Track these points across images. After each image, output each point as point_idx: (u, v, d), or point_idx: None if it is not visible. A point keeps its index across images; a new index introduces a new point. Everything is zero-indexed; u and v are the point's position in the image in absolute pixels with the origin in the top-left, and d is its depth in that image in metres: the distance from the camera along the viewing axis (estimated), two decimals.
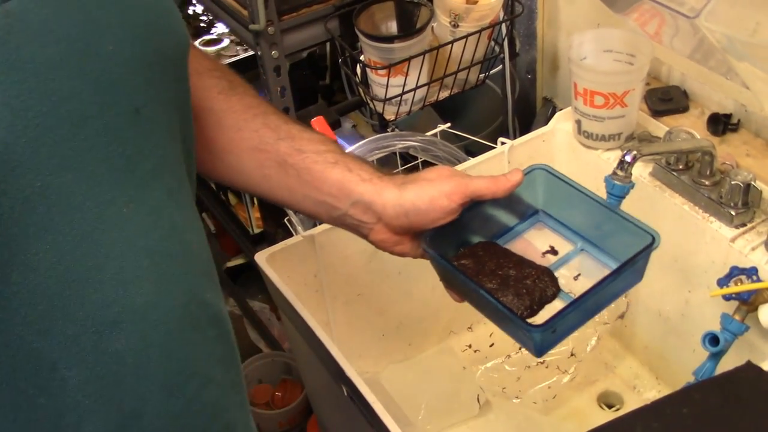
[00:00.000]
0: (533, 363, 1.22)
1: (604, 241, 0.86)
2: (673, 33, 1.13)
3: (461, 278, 0.80)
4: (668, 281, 1.12)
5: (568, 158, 1.21)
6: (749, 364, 0.79)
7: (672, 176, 1.07)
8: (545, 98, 1.43)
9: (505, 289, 0.80)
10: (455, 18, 1.21)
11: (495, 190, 0.79)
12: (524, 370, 1.21)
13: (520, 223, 0.89)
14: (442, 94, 1.30)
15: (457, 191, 0.78)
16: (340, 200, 0.79)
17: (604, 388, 1.21)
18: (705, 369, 0.97)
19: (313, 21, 1.27)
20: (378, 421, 0.86)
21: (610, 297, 0.83)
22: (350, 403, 0.94)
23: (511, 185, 0.80)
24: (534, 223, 0.90)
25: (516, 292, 0.80)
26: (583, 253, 0.87)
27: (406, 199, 0.78)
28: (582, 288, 0.78)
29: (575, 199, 0.85)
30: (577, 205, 0.85)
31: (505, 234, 0.89)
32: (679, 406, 0.75)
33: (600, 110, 1.11)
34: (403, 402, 1.16)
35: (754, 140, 1.11)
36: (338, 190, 0.79)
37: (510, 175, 0.80)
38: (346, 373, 0.91)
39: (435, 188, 0.78)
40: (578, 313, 0.78)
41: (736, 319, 0.95)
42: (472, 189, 0.79)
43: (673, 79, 1.21)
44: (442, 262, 0.81)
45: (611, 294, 0.82)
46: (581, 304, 0.76)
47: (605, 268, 0.85)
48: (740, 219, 1.01)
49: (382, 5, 1.25)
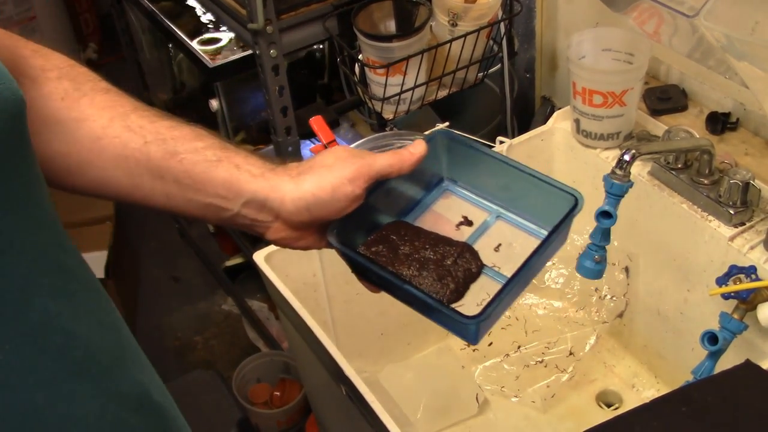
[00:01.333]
0: (532, 362, 1.22)
1: (519, 203, 0.80)
2: (672, 32, 1.13)
3: (375, 270, 0.72)
4: (667, 280, 1.12)
5: (567, 157, 1.21)
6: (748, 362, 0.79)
7: (671, 175, 1.07)
8: (544, 97, 1.43)
9: (425, 275, 0.73)
10: (454, 17, 1.21)
11: (401, 167, 0.73)
12: (523, 369, 1.21)
13: (427, 194, 0.82)
14: (440, 93, 1.30)
15: (360, 174, 0.71)
16: (229, 201, 0.70)
17: (603, 387, 1.21)
18: (704, 368, 0.97)
19: (312, 20, 1.27)
20: (377, 420, 0.86)
21: (540, 266, 0.78)
22: (349, 402, 0.94)
23: (417, 158, 0.74)
24: (441, 192, 0.83)
25: (438, 276, 0.73)
26: (500, 219, 0.81)
27: (306, 190, 0.70)
28: (507, 258, 0.74)
29: (482, 163, 0.79)
30: (485, 169, 0.79)
31: (413, 209, 0.81)
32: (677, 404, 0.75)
33: (599, 109, 1.11)
34: (402, 401, 1.16)
35: (753, 139, 1.11)
36: (226, 190, 0.70)
37: (413, 148, 0.74)
38: (345, 373, 0.91)
39: (335, 174, 0.70)
40: (512, 292, 0.72)
41: (735, 317, 0.95)
42: (376, 169, 0.71)
43: (671, 78, 1.21)
44: (353, 255, 0.73)
45: (541, 264, 0.77)
46: (514, 282, 0.70)
47: (526, 233, 0.79)
48: (739, 218, 1.01)
49: (381, 4, 1.25)
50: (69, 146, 0.68)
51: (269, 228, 0.72)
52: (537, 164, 1.23)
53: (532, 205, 0.78)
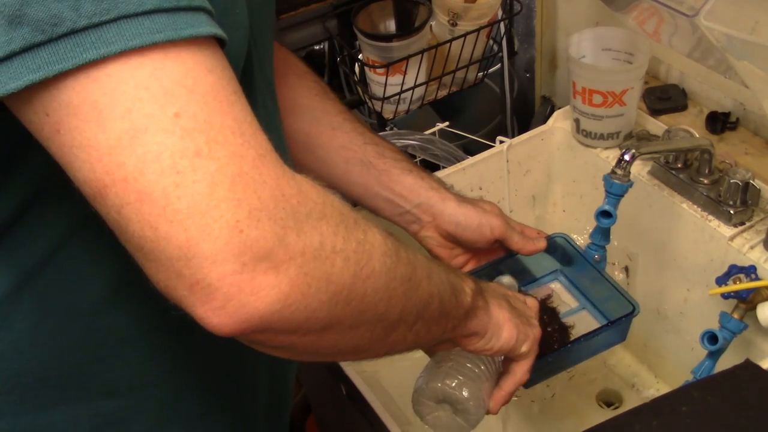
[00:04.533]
0: None
1: (603, 300, 0.99)
2: (672, 31, 1.13)
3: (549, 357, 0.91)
4: (667, 280, 1.12)
5: (567, 157, 1.21)
6: (748, 362, 0.79)
7: (671, 175, 1.07)
8: (544, 97, 1.43)
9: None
10: (454, 16, 1.21)
11: (521, 247, 0.96)
12: None
13: (544, 276, 1.06)
14: (440, 92, 1.30)
15: (498, 229, 0.94)
16: (407, 200, 0.93)
17: (603, 387, 1.21)
18: (704, 367, 0.97)
19: (312, 20, 1.27)
20: (377, 419, 0.86)
21: (590, 352, 0.96)
22: (349, 402, 0.94)
23: (534, 250, 0.96)
24: (553, 279, 1.06)
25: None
26: (584, 311, 1.02)
27: (461, 213, 0.93)
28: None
29: (580, 263, 1.00)
30: (582, 268, 1.00)
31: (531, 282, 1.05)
32: (677, 404, 0.75)
33: (598, 109, 1.11)
34: (402, 401, 1.15)
35: (753, 139, 1.11)
36: (409, 192, 0.92)
37: (538, 243, 0.97)
38: (345, 372, 0.91)
39: (485, 218, 0.93)
40: (556, 362, 0.93)
41: (735, 317, 0.95)
42: (508, 234, 0.94)
43: (671, 78, 1.21)
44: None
45: (591, 350, 0.95)
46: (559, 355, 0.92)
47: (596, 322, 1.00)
48: (739, 217, 1.01)
49: (381, 4, 1.25)
50: (311, 127, 0.91)
51: (425, 226, 0.94)
52: (537, 164, 1.24)
53: (610, 307, 0.97)
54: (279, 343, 0.52)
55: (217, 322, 0.48)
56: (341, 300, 0.52)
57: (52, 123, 0.45)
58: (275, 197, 0.48)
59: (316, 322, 0.51)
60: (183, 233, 0.46)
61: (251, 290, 0.47)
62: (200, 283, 0.47)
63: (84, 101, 0.45)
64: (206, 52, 0.47)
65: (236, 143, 0.47)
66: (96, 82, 0.44)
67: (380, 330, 0.58)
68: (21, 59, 0.44)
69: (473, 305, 0.71)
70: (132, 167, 0.45)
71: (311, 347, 0.53)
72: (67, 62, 0.44)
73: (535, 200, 1.25)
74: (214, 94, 0.47)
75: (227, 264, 0.46)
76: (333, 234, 0.51)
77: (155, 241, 0.46)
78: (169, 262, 0.46)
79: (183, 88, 0.46)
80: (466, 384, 0.79)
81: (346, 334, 0.55)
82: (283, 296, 0.48)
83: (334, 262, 0.51)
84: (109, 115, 0.45)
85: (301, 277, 0.48)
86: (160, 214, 0.45)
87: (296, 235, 0.48)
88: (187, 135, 0.46)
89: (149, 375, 0.66)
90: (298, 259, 0.48)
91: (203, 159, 0.46)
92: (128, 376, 0.65)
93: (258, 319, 0.48)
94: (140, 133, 0.45)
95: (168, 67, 0.46)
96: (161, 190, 0.45)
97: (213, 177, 0.46)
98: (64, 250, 0.58)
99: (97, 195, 0.47)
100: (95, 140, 0.45)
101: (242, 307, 0.47)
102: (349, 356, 0.60)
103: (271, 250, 0.47)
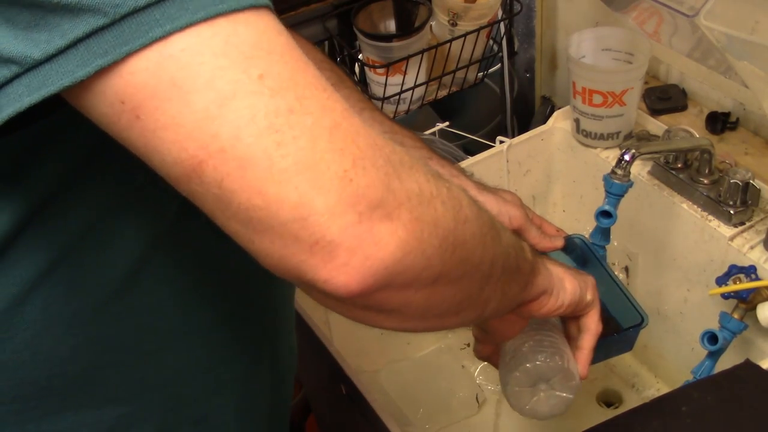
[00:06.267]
0: None
1: (613, 307, 0.95)
2: (672, 31, 1.13)
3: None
4: (667, 280, 1.12)
5: (567, 157, 1.21)
6: (748, 362, 0.79)
7: (671, 175, 1.07)
8: (544, 97, 1.43)
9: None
10: (454, 17, 1.21)
11: (538, 242, 0.93)
12: None
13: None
14: (440, 92, 1.30)
15: (518, 219, 0.91)
16: None
17: (603, 387, 1.21)
18: (704, 367, 0.97)
19: (312, 19, 1.27)
20: (377, 419, 0.86)
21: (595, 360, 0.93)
22: (349, 402, 0.94)
23: (552, 247, 0.95)
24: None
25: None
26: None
27: (481, 201, 0.88)
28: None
29: (594, 266, 0.97)
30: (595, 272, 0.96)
31: None
32: (677, 404, 0.75)
33: (598, 109, 1.11)
34: (402, 401, 1.16)
35: (753, 139, 1.11)
36: None
37: (555, 240, 0.95)
38: (345, 372, 0.91)
39: (505, 207, 0.91)
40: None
41: (735, 317, 0.95)
42: (526, 227, 0.92)
43: (671, 78, 1.21)
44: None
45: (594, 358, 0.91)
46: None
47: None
48: (739, 217, 1.01)
49: (381, 4, 1.25)
50: None
51: None
52: (537, 164, 1.24)
53: (621, 314, 0.93)
54: (395, 303, 0.50)
55: (344, 280, 0.46)
56: (449, 246, 0.51)
57: (129, 110, 0.44)
58: (372, 146, 0.47)
59: (431, 271, 0.50)
60: (294, 192, 0.44)
61: (373, 240, 0.46)
62: (320, 242, 0.45)
63: (161, 80, 0.43)
64: (268, 17, 0.46)
65: (323, 97, 0.46)
66: (170, 59, 0.43)
67: (477, 282, 0.57)
68: (86, 46, 0.43)
69: (535, 260, 0.69)
70: (227, 135, 0.44)
71: (423, 305, 0.52)
72: (134, 42, 0.43)
73: (535, 200, 1.25)
74: (290, 54, 0.46)
75: (345, 216, 0.45)
76: (426, 181, 0.50)
77: (265, 207, 0.44)
78: (283, 228, 0.45)
79: (261, 51, 0.45)
80: (556, 353, 0.77)
81: (453, 287, 0.54)
82: (402, 243, 0.47)
83: (436, 206, 0.50)
84: (191, 88, 0.43)
85: (414, 222, 0.47)
86: (266, 177, 0.44)
87: (399, 181, 0.47)
88: (276, 94, 0.44)
89: (153, 380, 0.65)
90: (407, 204, 0.47)
91: (298, 115, 0.44)
92: (131, 381, 0.64)
93: (383, 270, 0.47)
94: (228, 99, 0.44)
95: (241, 32, 0.44)
96: (263, 151, 0.44)
97: (312, 131, 0.45)
98: (67, 260, 0.57)
99: (192, 174, 0.45)
100: (181, 117, 0.44)
101: (367, 259, 0.46)
102: (452, 318, 0.57)
103: (383, 196, 0.46)
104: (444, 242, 0.50)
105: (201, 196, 0.46)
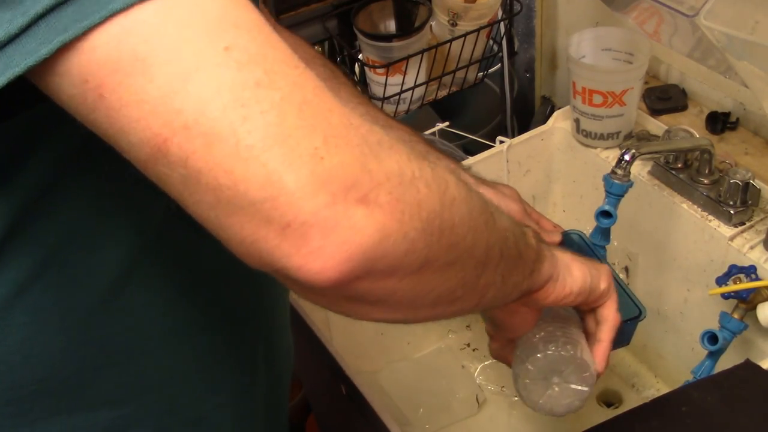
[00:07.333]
0: None
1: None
2: (672, 31, 1.13)
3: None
4: (667, 280, 1.12)
5: (567, 157, 1.21)
6: (748, 362, 0.79)
7: (671, 175, 1.07)
8: (544, 97, 1.43)
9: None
10: (454, 16, 1.21)
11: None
12: None
13: None
14: (440, 92, 1.30)
15: (516, 214, 0.90)
16: None
17: (603, 387, 1.21)
18: (704, 367, 0.97)
19: (312, 20, 1.27)
20: (377, 419, 0.86)
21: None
22: (349, 401, 0.94)
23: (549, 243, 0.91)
24: None
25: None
26: None
27: (489, 193, 0.87)
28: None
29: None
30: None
31: None
32: (677, 404, 0.75)
33: (598, 109, 1.11)
34: (402, 401, 1.16)
35: (753, 139, 1.11)
36: None
37: (552, 235, 0.92)
38: (345, 372, 0.91)
39: (504, 201, 0.89)
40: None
41: (735, 317, 0.95)
42: (524, 221, 0.89)
43: (671, 78, 1.21)
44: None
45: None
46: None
47: None
48: (739, 217, 1.01)
49: (381, 4, 1.25)
50: None
51: None
52: (537, 164, 1.24)
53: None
54: (379, 293, 0.48)
55: (319, 266, 0.43)
56: (435, 229, 0.48)
57: (93, 88, 0.42)
58: (345, 125, 0.45)
59: (415, 256, 0.47)
60: (262, 169, 0.42)
61: (348, 223, 0.43)
62: (292, 224, 0.43)
63: (123, 54, 0.41)
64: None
65: (294, 74, 0.44)
66: (131, 32, 0.41)
67: (471, 269, 0.54)
68: (46, 22, 0.41)
69: (539, 246, 0.66)
70: (191, 109, 0.42)
71: (411, 294, 0.50)
72: (94, 16, 0.41)
73: (535, 200, 1.25)
74: (259, 29, 0.44)
75: (318, 196, 0.42)
76: (408, 161, 0.47)
77: (233, 186, 0.42)
78: (253, 208, 0.43)
79: (228, 23, 0.43)
80: (568, 342, 0.74)
81: (442, 274, 0.51)
82: (380, 225, 0.44)
83: (419, 187, 0.47)
84: (154, 61, 0.41)
85: (393, 203, 0.45)
86: (232, 153, 0.42)
87: (376, 161, 0.45)
88: (243, 67, 0.42)
89: (147, 382, 0.64)
90: (386, 185, 0.45)
91: (265, 89, 0.42)
92: (126, 383, 0.63)
93: (361, 255, 0.44)
94: (192, 72, 0.42)
95: (207, 3, 0.43)
96: (228, 126, 0.42)
97: (280, 106, 0.42)
98: (56, 262, 0.56)
99: (158, 154, 0.43)
100: (144, 93, 0.42)
101: (343, 243, 0.43)
102: (446, 307, 0.54)
103: (357, 176, 0.44)
104: (429, 225, 0.48)
105: (168, 178, 0.44)
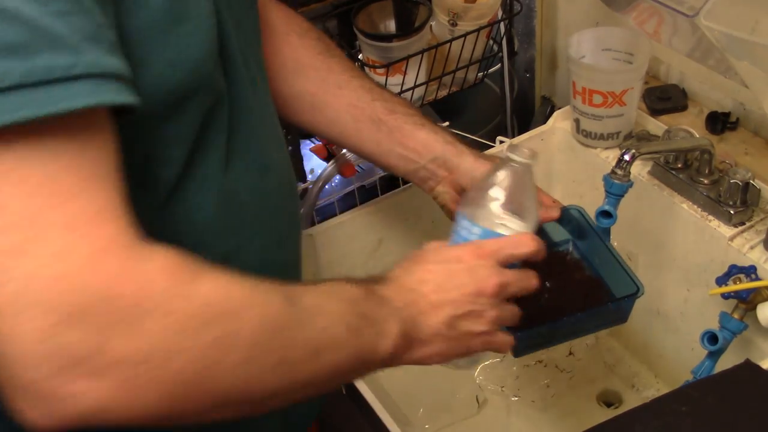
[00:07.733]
0: (532, 362, 1.22)
1: (609, 278, 0.92)
2: (672, 32, 1.13)
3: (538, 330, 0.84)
4: (667, 280, 1.12)
5: (567, 157, 1.21)
6: (748, 362, 0.79)
7: (671, 175, 1.07)
8: (544, 97, 1.43)
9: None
10: (454, 17, 1.21)
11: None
12: (523, 369, 1.21)
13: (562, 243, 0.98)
14: (440, 92, 1.30)
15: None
16: (421, 156, 0.89)
17: (603, 387, 1.21)
18: (704, 367, 0.97)
19: (312, 20, 1.26)
20: (377, 419, 0.86)
21: (588, 328, 0.93)
22: (349, 402, 0.94)
23: (547, 218, 0.91)
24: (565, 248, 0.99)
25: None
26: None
27: (478, 167, 0.88)
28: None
29: (591, 236, 0.94)
30: (592, 240, 0.94)
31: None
32: (677, 404, 0.75)
33: (598, 109, 1.11)
34: (402, 401, 1.16)
35: (753, 139, 1.11)
36: (423, 147, 0.89)
37: (551, 210, 0.91)
38: None
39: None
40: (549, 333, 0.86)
41: (735, 317, 0.95)
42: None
43: (671, 78, 1.21)
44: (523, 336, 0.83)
45: (589, 326, 0.91)
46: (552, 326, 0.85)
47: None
48: (739, 217, 1.01)
49: (381, 4, 1.25)
50: (317, 87, 0.89)
51: (440, 181, 0.90)
52: (537, 164, 1.23)
53: (616, 283, 0.90)
54: (125, 426, 0.50)
55: (34, 418, 0.47)
56: (178, 396, 0.50)
57: None
58: (105, 298, 0.46)
59: (152, 414, 0.49)
60: (2, 335, 0.45)
61: (63, 395, 0.46)
62: (18, 387, 0.46)
63: None
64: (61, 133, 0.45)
65: (65, 240, 0.45)
66: None
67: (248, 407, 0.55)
68: None
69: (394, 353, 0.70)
70: None
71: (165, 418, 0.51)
72: None
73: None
74: (49, 186, 0.45)
75: (39, 368, 0.45)
76: (177, 332, 0.48)
77: None
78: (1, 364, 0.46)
79: (6, 182, 0.44)
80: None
81: (202, 416, 0.52)
82: (102, 401, 0.47)
83: (170, 363, 0.48)
84: None
85: (121, 383, 0.47)
86: None
87: (123, 338, 0.47)
88: (3, 232, 0.44)
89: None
90: (121, 366, 0.47)
91: (18, 258, 0.44)
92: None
93: (77, 418, 0.47)
94: None
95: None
96: None
97: (27, 278, 0.44)
98: None
99: None
100: None
101: (56, 411, 0.46)
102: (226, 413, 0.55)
103: (88, 355, 0.46)
104: (168, 395, 0.49)
105: None
